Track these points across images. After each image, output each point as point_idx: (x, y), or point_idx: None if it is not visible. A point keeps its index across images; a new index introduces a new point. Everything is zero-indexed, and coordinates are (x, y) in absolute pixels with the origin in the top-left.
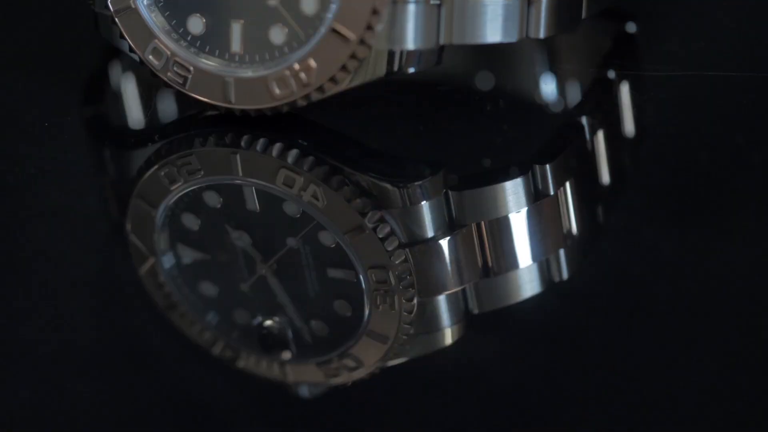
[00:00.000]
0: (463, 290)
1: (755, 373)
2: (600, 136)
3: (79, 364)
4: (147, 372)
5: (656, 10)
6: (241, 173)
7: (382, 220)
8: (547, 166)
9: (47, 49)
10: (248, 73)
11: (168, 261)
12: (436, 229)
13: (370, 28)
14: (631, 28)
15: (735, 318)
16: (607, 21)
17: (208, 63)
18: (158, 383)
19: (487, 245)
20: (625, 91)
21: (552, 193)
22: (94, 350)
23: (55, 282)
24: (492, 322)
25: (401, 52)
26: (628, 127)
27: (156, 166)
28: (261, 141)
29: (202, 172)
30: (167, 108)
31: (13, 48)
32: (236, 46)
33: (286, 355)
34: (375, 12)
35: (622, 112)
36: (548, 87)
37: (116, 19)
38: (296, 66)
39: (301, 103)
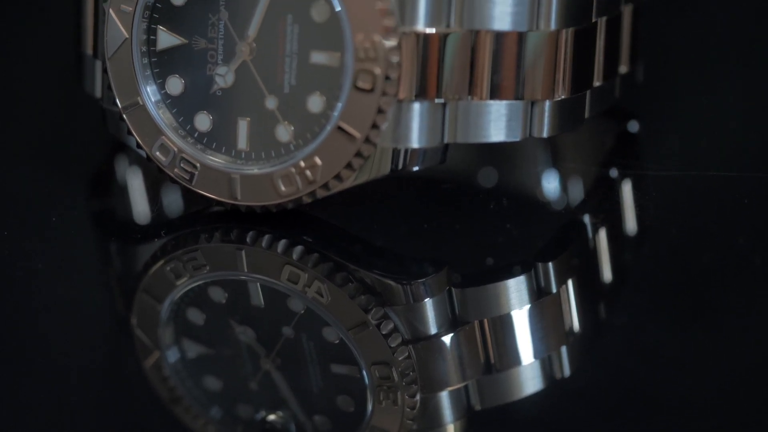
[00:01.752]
0: (466, 387)
1: None
2: (602, 234)
3: None
4: None
5: (658, 110)
6: (246, 269)
7: (385, 317)
8: (550, 265)
9: (55, 144)
10: (254, 170)
11: (173, 355)
12: (439, 326)
13: (375, 126)
14: (632, 127)
15: (737, 416)
16: (610, 120)
17: (215, 160)
18: None
19: (489, 342)
20: (627, 190)
21: (554, 291)
22: None
23: (60, 375)
24: (494, 418)
25: (406, 151)
26: (630, 225)
27: (162, 261)
28: (266, 237)
29: (208, 268)
30: (173, 204)
31: (21, 143)
32: (242, 143)
33: None
34: (380, 111)
35: (624, 210)
36: (551, 185)
37: (124, 116)
38: (302, 163)
39: (307, 200)
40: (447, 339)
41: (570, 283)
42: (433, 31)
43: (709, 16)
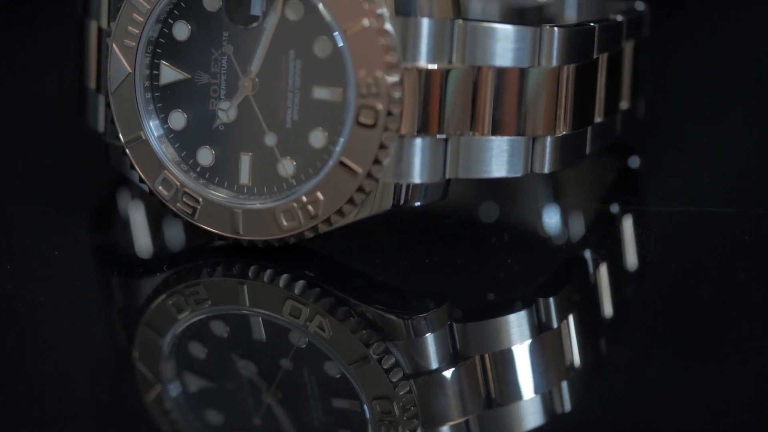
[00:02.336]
0: (467, 421)
1: None
2: (603, 270)
3: None
4: None
5: (658, 146)
6: (248, 303)
7: (386, 352)
8: (551, 300)
9: (58, 177)
10: (256, 204)
11: (174, 389)
12: (440, 361)
13: (377, 162)
14: (633, 163)
15: None
16: (611, 156)
17: (217, 194)
18: None
19: (490, 377)
20: (627, 225)
21: (555, 326)
22: None
23: (62, 408)
24: None
25: (407, 186)
26: (631, 261)
27: (164, 295)
28: (268, 272)
29: (210, 302)
30: (176, 238)
31: (24, 176)
32: (245, 178)
33: None
34: (382, 146)
35: (625, 246)
36: (552, 220)
37: (127, 150)
38: (304, 198)
39: (309, 234)
40: (448, 374)
41: (571, 318)
42: (435, 67)
43: (710, 53)
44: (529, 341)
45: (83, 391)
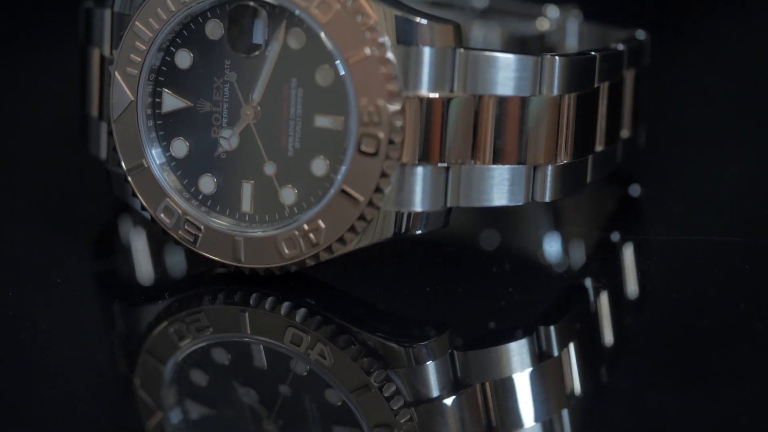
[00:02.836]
0: None
1: None
2: (603, 298)
3: None
4: None
5: (659, 175)
6: (249, 331)
7: (387, 380)
8: (551, 328)
9: (60, 204)
10: (258, 232)
11: (176, 416)
12: (441, 389)
13: (378, 190)
14: (634, 191)
15: None
16: (611, 184)
17: (219, 222)
18: None
19: (491, 405)
20: (628, 254)
21: (556, 354)
22: None
23: None
24: None
25: (409, 214)
26: (631, 290)
27: (165, 323)
28: (269, 300)
29: (211, 330)
30: (177, 265)
31: (26, 203)
32: (246, 206)
33: None
34: (383, 175)
35: (626, 275)
36: (553, 248)
37: (129, 178)
38: (305, 226)
39: (310, 262)
40: (449, 402)
41: (571, 346)
42: (436, 95)
43: (710, 82)
44: (529, 369)
45: (85, 417)
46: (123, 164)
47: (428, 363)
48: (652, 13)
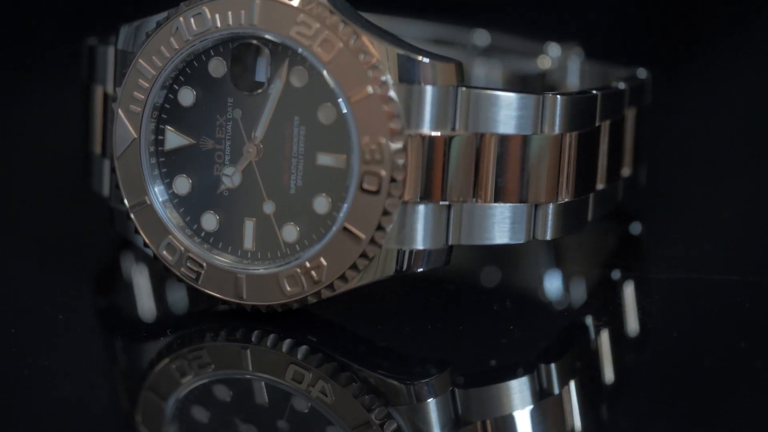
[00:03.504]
0: None
1: None
2: (604, 336)
3: None
4: None
5: (660, 213)
6: (251, 368)
7: (389, 417)
8: (552, 366)
9: (62, 241)
10: (260, 270)
11: None
12: (442, 426)
13: (380, 228)
14: (635, 229)
15: None
16: (612, 222)
17: (221, 260)
18: None
19: None
20: (629, 292)
21: (556, 392)
22: None
23: None
24: None
25: (410, 252)
26: (632, 328)
27: (167, 359)
28: (271, 337)
29: (213, 366)
30: (179, 302)
31: (29, 240)
32: (249, 243)
33: None
34: (385, 213)
35: (626, 313)
36: (553, 286)
37: (131, 215)
38: (307, 264)
39: (312, 300)
40: None
41: (572, 384)
42: (438, 133)
43: (711, 120)
44: (530, 407)
45: None
46: (126, 201)
47: (429, 400)
48: (653, 52)
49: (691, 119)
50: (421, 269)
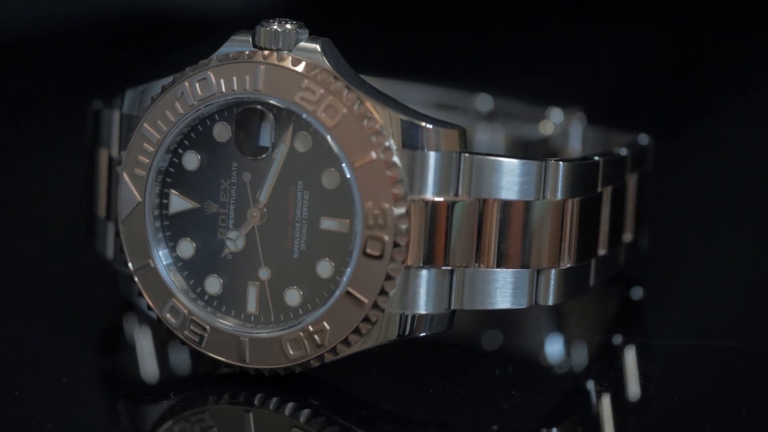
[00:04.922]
0: None
1: None
2: (606, 401)
3: None
4: None
5: (662, 278)
6: (254, 431)
7: None
8: (554, 431)
9: (66, 304)
10: (263, 333)
11: None
12: None
13: (383, 292)
14: (636, 295)
15: None
16: (614, 287)
17: (225, 323)
18: None
19: None
20: (630, 357)
21: None
22: None
23: None
24: None
25: (413, 317)
26: (634, 393)
27: (170, 422)
28: (274, 400)
29: (216, 429)
30: (182, 365)
31: (32, 302)
32: (252, 307)
33: None
34: (388, 277)
35: (628, 378)
36: (556, 351)
37: (135, 278)
38: (310, 328)
39: (314, 363)
40: None
41: None
42: (441, 199)
43: (713, 186)
44: None
45: None
46: (129, 264)
47: None
48: (655, 117)
49: (693, 185)
50: (423, 334)
